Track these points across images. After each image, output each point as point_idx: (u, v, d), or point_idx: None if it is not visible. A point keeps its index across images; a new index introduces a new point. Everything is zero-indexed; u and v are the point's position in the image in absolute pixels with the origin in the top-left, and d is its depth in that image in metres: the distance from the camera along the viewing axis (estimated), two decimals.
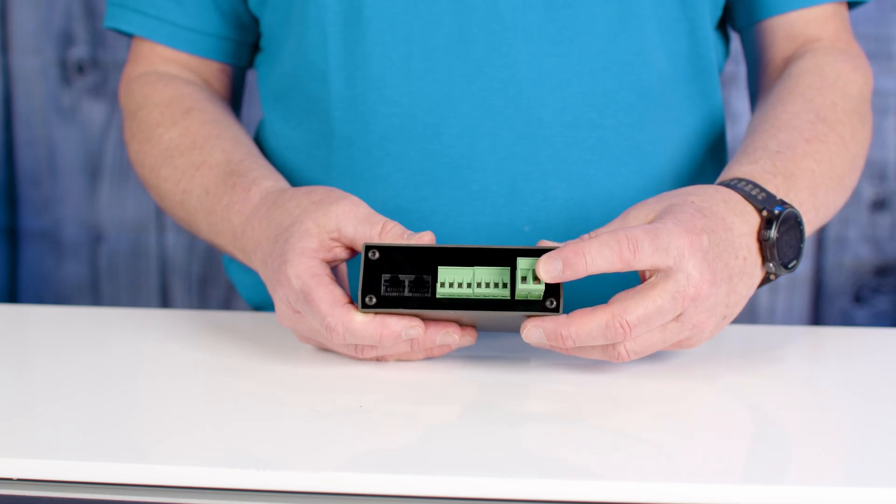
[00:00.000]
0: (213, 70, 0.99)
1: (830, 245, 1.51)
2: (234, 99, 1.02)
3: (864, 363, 0.79)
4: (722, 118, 0.96)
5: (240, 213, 0.82)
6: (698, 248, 0.69)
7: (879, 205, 1.50)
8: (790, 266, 0.75)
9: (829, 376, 0.77)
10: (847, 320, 1.53)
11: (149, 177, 0.93)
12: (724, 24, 0.98)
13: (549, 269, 0.67)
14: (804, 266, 1.52)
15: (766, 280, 0.76)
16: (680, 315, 0.69)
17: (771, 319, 1.53)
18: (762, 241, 0.74)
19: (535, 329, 0.69)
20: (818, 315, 1.53)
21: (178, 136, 0.91)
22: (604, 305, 0.68)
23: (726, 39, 0.99)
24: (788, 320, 1.53)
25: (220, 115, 0.93)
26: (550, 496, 0.56)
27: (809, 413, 0.68)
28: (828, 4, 0.93)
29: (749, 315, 1.54)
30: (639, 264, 0.68)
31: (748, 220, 0.74)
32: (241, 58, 0.99)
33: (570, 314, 0.69)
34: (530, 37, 0.86)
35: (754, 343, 0.82)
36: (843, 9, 0.95)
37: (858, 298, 1.53)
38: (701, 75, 0.92)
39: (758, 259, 0.74)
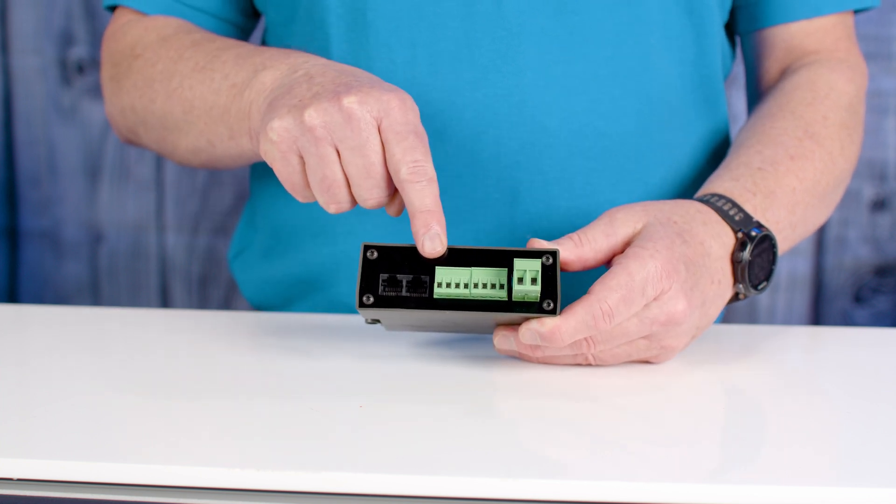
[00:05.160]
0: None
1: (830, 245, 1.51)
2: None
3: (863, 363, 0.79)
4: (727, 126, 0.96)
5: (300, 53, 0.80)
6: (675, 280, 0.70)
7: (879, 205, 1.50)
8: (759, 287, 0.76)
9: (829, 376, 0.77)
10: (847, 320, 1.53)
11: (155, 71, 0.89)
12: (729, 27, 0.98)
13: (527, 340, 0.70)
14: (804, 266, 1.52)
15: (734, 298, 0.77)
16: (649, 335, 0.71)
17: (771, 319, 1.53)
18: (735, 263, 0.75)
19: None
20: (818, 315, 1.53)
21: (201, 36, 0.88)
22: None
23: (733, 43, 0.99)
24: (788, 320, 1.53)
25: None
26: (550, 496, 0.56)
27: (808, 413, 0.68)
28: (830, 15, 0.93)
29: (749, 315, 1.54)
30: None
31: (725, 242, 0.75)
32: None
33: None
34: (536, 43, 0.85)
35: (754, 343, 0.82)
36: (848, 17, 0.95)
37: (858, 298, 1.53)
38: (707, 83, 0.92)
39: (730, 280, 0.75)
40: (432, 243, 0.69)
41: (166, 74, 0.88)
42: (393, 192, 0.72)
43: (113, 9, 0.97)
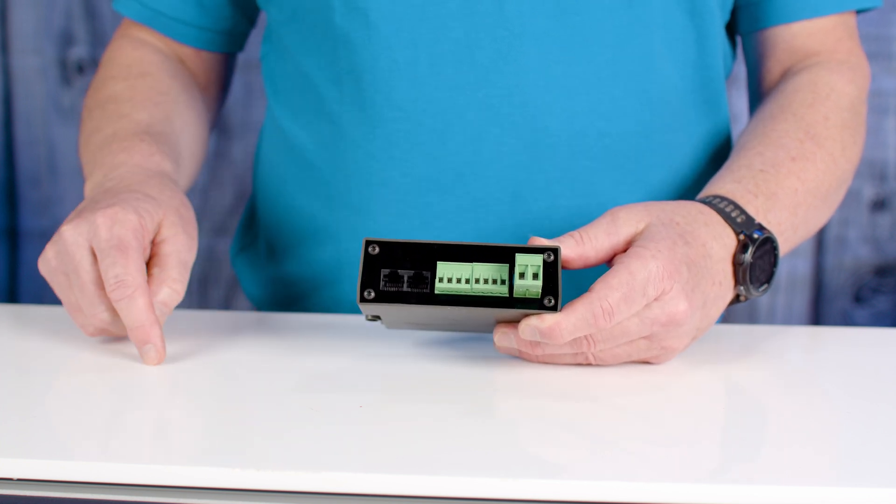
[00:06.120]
0: (187, 53, 1.00)
1: (830, 245, 1.51)
2: (215, 80, 1.03)
3: (863, 363, 0.79)
4: (728, 128, 0.96)
5: (130, 154, 0.85)
6: (676, 281, 0.70)
7: (879, 205, 1.50)
8: (760, 289, 0.76)
9: (829, 376, 0.77)
10: (847, 320, 1.53)
11: (83, 116, 0.95)
12: (731, 27, 0.98)
13: (527, 335, 0.69)
14: (804, 266, 1.52)
15: (735, 300, 0.76)
16: (650, 335, 0.71)
17: (771, 319, 1.53)
18: (736, 265, 0.75)
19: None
20: (818, 315, 1.53)
21: (122, 89, 0.93)
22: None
23: (733, 42, 0.98)
24: (788, 320, 1.53)
25: (172, 89, 0.94)
26: (550, 496, 0.56)
27: (809, 413, 0.68)
28: (832, 15, 0.93)
29: (749, 315, 1.54)
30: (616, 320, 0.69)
31: (726, 243, 0.75)
32: (218, 45, 1.00)
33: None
34: (538, 44, 0.85)
35: (754, 343, 0.82)
36: (850, 17, 0.94)
37: (858, 298, 1.53)
38: (708, 85, 0.92)
39: (731, 282, 0.75)
40: (147, 356, 0.73)
41: (84, 120, 0.94)
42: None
43: None
